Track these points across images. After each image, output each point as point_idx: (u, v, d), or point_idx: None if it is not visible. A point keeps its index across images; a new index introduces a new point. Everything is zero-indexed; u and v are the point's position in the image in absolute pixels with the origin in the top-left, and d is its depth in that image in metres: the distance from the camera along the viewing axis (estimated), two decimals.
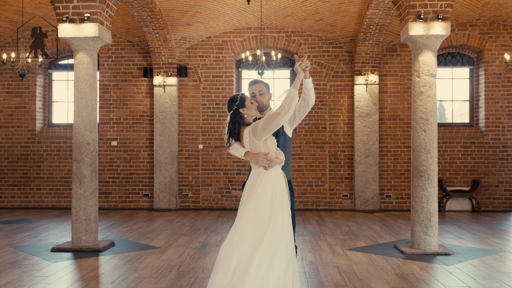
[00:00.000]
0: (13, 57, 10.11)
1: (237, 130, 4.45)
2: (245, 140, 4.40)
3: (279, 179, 4.34)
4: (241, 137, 4.45)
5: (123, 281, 5.74)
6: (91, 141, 7.63)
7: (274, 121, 4.19)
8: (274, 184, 4.27)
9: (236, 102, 4.45)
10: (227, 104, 4.51)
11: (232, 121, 4.44)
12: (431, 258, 6.96)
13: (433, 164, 7.38)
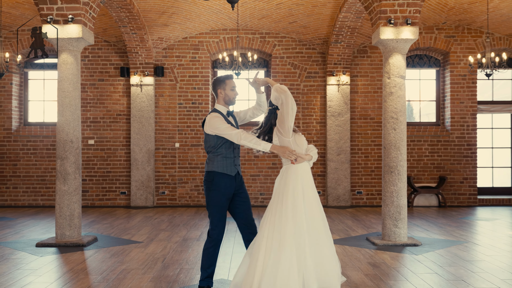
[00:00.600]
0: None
1: (268, 128, 4.79)
2: (275, 139, 4.73)
3: (306, 173, 4.65)
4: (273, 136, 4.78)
5: (111, 272, 6.00)
6: (75, 139, 7.84)
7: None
8: (303, 178, 4.60)
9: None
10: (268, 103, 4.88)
11: (268, 118, 4.82)
12: (401, 249, 7.40)
13: (403, 161, 7.82)
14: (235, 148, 4.93)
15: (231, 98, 5.01)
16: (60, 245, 7.57)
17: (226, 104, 5.04)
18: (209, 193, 4.86)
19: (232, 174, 4.91)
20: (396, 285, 5.46)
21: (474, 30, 12.95)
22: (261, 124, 4.90)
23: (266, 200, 12.87)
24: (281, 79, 12.95)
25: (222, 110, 4.99)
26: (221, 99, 5.00)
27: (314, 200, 4.58)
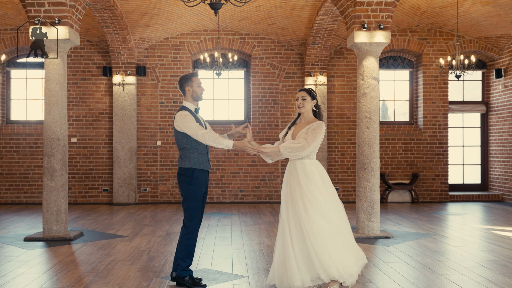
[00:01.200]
0: None
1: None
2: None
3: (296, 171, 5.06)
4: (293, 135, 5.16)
5: (99, 263, 6.32)
6: (62, 137, 8.11)
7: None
8: (291, 175, 5.06)
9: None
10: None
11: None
12: (373, 241, 7.84)
13: (376, 158, 8.26)
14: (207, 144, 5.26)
15: (199, 94, 5.33)
16: (47, 239, 7.84)
17: (194, 101, 5.36)
18: (189, 187, 5.16)
19: (207, 169, 5.27)
20: (367, 272, 5.88)
21: (445, 33, 13.49)
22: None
23: (245, 197, 13.23)
24: (260, 79, 13.33)
25: (190, 107, 5.32)
26: (189, 96, 5.32)
27: (301, 196, 4.90)
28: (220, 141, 5.06)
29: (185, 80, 5.32)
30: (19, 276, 5.75)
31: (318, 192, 4.87)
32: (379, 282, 5.50)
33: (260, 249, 7.22)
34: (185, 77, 5.34)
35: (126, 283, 5.43)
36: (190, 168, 5.17)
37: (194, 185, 5.15)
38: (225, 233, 8.61)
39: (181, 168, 5.22)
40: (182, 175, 5.20)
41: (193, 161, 5.17)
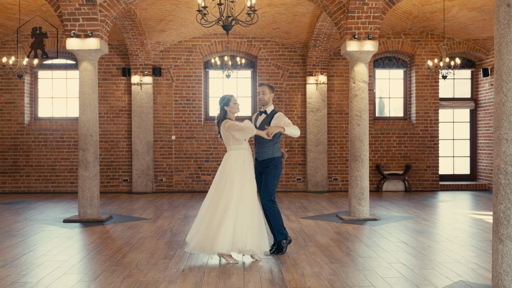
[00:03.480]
0: (13, 60, 11.69)
1: (219, 122, 6.47)
2: (221, 128, 6.40)
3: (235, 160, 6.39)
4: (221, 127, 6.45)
5: (131, 238, 7.63)
6: (94, 133, 9.41)
7: (235, 131, 6.28)
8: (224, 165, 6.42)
9: (223, 101, 6.45)
10: (219, 100, 6.58)
11: (220, 113, 6.50)
12: (362, 222, 9.11)
13: (365, 151, 9.51)
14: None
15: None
16: (83, 221, 9.17)
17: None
18: (276, 171, 6.56)
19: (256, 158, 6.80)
20: (352, 245, 7.15)
21: (436, 35, 14.66)
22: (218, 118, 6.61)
23: None
24: (266, 78, 14.56)
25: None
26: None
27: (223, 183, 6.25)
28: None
29: (273, 89, 6.74)
30: (69, 247, 7.07)
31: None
32: (360, 251, 6.78)
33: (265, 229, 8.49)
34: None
35: (156, 252, 6.74)
36: (278, 157, 6.70)
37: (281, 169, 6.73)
38: None
39: (272, 157, 6.59)
40: (275, 162, 6.61)
41: (278, 151, 6.68)
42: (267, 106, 6.75)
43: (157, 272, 5.75)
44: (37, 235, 7.97)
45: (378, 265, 6.02)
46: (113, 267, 5.97)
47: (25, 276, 5.58)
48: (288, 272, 5.73)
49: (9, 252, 6.76)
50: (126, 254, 6.62)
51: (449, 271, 5.74)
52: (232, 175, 6.24)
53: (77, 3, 9.06)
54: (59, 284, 5.29)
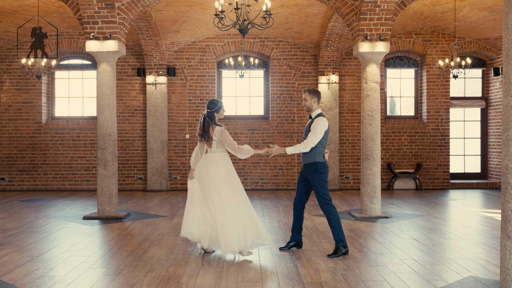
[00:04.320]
0: (31, 61, 12.00)
1: (207, 127, 6.65)
2: (215, 134, 6.58)
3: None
4: (210, 132, 6.62)
5: (151, 235, 7.89)
6: (112, 133, 9.68)
7: (228, 146, 6.56)
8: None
9: (214, 108, 6.66)
10: (208, 104, 6.75)
11: (207, 117, 6.70)
12: (374, 220, 9.31)
13: (377, 150, 9.69)
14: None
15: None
16: (102, 218, 9.44)
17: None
18: (321, 176, 6.57)
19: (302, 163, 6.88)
20: (365, 242, 7.36)
21: (448, 35, 14.79)
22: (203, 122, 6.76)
23: (265, 184, 14.74)
24: (278, 78, 14.78)
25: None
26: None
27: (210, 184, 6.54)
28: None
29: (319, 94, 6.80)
30: (91, 243, 7.35)
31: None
32: (372, 248, 6.99)
33: (279, 226, 8.73)
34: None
35: (175, 248, 6.99)
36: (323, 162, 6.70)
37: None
38: None
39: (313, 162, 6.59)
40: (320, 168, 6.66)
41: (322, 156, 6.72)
42: (312, 111, 6.76)
43: (177, 267, 5.99)
44: (59, 232, 8.26)
45: (390, 261, 6.23)
46: (135, 262, 6.23)
47: (52, 270, 5.85)
48: (304, 267, 5.95)
49: (34, 248, 7.04)
50: (146, 250, 6.88)
51: (459, 267, 5.93)
52: (234, 174, 6.66)
53: (96, 6, 9.32)
54: (85, 278, 5.55)
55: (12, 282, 5.37)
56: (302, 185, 6.82)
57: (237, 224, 6.39)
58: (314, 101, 6.74)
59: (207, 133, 6.63)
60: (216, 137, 6.57)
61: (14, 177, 14.72)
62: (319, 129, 6.52)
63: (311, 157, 6.60)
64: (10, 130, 14.74)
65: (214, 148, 6.64)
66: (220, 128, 6.61)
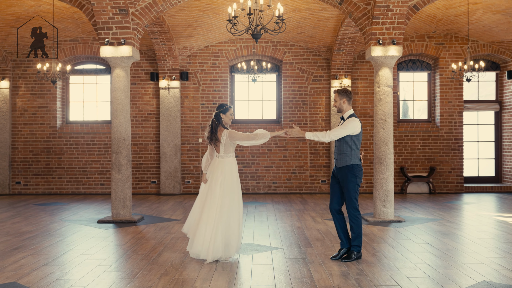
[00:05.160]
0: (47, 66, 12.16)
1: (214, 128, 6.72)
2: (222, 137, 6.64)
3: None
4: (218, 134, 6.67)
5: (164, 239, 7.96)
6: (126, 137, 9.77)
7: (242, 140, 6.61)
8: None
9: (222, 108, 6.76)
10: (217, 106, 6.87)
11: (215, 119, 6.77)
12: (387, 224, 9.29)
13: (390, 154, 9.68)
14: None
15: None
16: (116, 221, 9.53)
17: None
18: (357, 179, 6.44)
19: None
20: (378, 246, 7.36)
21: (461, 38, 14.73)
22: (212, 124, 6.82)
23: (278, 188, 14.77)
24: (290, 82, 14.82)
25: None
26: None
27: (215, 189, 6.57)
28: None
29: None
30: (105, 247, 7.42)
31: None
32: (385, 252, 6.99)
33: (292, 230, 8.76)
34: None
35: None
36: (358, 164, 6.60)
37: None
38: (262, 217, 10.17)
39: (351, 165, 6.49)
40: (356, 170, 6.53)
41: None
42: (343, 112, 6.62)
43: (191, 270, 6.04)
44: (74, 235, 8.35)
45: (403, 266, 6.23)
46: (150, 265, 6.29)
47: (68, 274, 5.93)
48: (317, 272, 5.97)
49: (50, 251, 7.13)
50: (160, 254, 6.94)
51: (473, 272, 5.92)
52: (237, 182, 6.74)
53: (110, 12, 9.43)
54: (101, 281, 5.62)
55: (29, 285, 5.45)
56: (337, 188, 6.64)
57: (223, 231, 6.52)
58: (343, 101, 6.60)
59: (215, 134, 6.70)
60: (224, 140, 6.63)
61: (29, 181, 14.89)
62: (347, 126, 6.40)
63: (347, 159, 6.47)
64: (26, 135, 14.91)
65: (221, 153, 6.70)
66: (228, 130, 6.69)
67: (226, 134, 6.65)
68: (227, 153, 6.70)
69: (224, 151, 6.69)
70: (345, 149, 6.50)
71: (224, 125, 6.75)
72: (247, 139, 6.63)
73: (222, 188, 6.57)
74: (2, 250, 7.19)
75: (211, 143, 6.76)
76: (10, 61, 14.79)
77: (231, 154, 6.74)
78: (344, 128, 6.41)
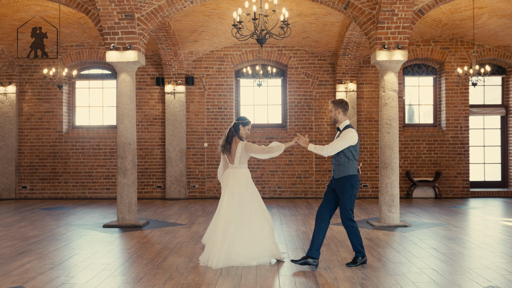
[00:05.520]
0: (53, 71, 12.22)
1: (230, 137, 6.76)
2: (238, 149, 6.67)
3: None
4: (233, 145, 6.70)
5: (170, 243, 7.96)
6: (132, 142, 9.80)
7: (257, 153, 6.68)
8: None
9: (243, 120, 6.79)
10: (239, 117, 6.90)
11: (232, 130, 6.81)
12: (393, 229, 9.27)
13: (395, 158, 9.67)
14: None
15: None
16: (122, 226, 9.55)
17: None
18: (353, 191, 6.38)
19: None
20: (383, 251, 7.34)
21: (466, 42, 14.71)
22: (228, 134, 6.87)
23: (283, 193, 14.76)
24: (296, 87, 14.83)
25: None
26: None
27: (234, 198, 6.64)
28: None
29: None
30: (111, 251, 7.44)
31: None
32: (391, 257, 6.97)
33: (297, 234, 8.75)
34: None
35: (194, 256, 7.05)
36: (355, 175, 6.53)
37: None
38: None
39: (347, 175, 6.42)
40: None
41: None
42: (339, 123, 6.55)
43: (196, 275, 6.05)
44: (79, 240, 8.38)
45: (408, 271, 6.21)
46: (155, 270, 6.30)
47: (73, 278, 5.94)
48: (322, 276, 5.96)
49: (56, 256, 7.15)
50: (165, 258, 6.95)
51: (478, 277, 5.89)
52: (255, 192, 6.81)
53: (116, 17, 9.48)
54: (106, 285, 5.63)
55: None
56: (331, 197, 6.55)
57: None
58: (338, 112, 6.53)
59: (229, 144, 6.74)
60: (240, 151, 6.67)
61: (35, 186, 14.95)
62: (344, 138, 6.32)
63: (344, 170, 6.35)
64: (32, 139, 14.98)
65: (236, 164, 6.74)
66: (244, 142, 6.73)
67: (242, 146, 6.70)
68: (242, 164, 6.75)
69: (238, 163, 6.73)
70: (343, 159, 6.40)
71: (241, 137, 6.79)
72: (262, 152, 6.68)
73: (238, 199, 6.61)
74: (8, 254, 7.22)
75: (224, 153, 6.79)
76: (16, 66, 14.88)
77: (245, 165, 6.80)
78: (341, 140, 6.33)
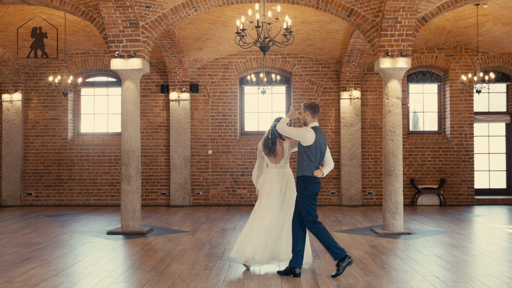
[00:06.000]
0: (58, 78, 12.30)
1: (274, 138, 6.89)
2: (285, 149, 6.83)
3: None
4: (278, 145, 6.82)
5: (173, 250, 7.97)
6: (136, 149, 9.84)
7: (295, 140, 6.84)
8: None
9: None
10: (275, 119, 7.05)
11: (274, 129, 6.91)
12: (396, 236, 9.24)
13: (399, 166, 9.66)
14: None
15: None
16: (126, 233, 9.57)
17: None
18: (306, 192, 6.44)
19: None
20: (386, 258, 7.33)
21: (470, 49, 14.71)
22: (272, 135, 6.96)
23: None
24: (300, 94, 14.85)
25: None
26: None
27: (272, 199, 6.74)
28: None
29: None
30: (114, 258, 7.46)
31: None
32: (394, 264, 6.95)
33: None
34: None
35: (197, 263, 7.05)
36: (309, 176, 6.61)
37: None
38: None
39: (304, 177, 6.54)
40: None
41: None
42: (307, 125, 6.64)
43: (199, 282, 6.05)
44: (83, 246, 8.40)
45: (412, 278, 6.19)
46: (157, 277, 6.31)
47: (76, 285, 5.96)
48: (324, 284, 5.95)
49: (60, 262, 7.17)
50: (168, 265, 6.96)
51: (482, 285, 5.87)
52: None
53: (121, 25, 9.55)
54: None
55: None
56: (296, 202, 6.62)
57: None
58: (307, 114, 6.68)
59: (275, 145, 6.84)
60: (287, 151, 6.83)
61: (40, 192, 15.00)
62: (297, 130, 6.47)
63: (299, 170, 6.47)
64: (37, 146, 15.06)
65: (282, 163, 6.86)
66: (287, 141, 6.90)
67: (288, 144, 6.87)
68: (287, 162, 6.91)
69: (285, 162, 6.86)
70: (299, 160, 6.52)
71: (283, 137, 6.91)
72: (297, 136, 6.55)
73: (294, 193, 6.77)
74: (12, 261, 7.25)
75: (271, 154, 6.82)
76: (22, 74, 14.98)
77: (288, 164, 6.98)
78: (293, 130, 6.51)
